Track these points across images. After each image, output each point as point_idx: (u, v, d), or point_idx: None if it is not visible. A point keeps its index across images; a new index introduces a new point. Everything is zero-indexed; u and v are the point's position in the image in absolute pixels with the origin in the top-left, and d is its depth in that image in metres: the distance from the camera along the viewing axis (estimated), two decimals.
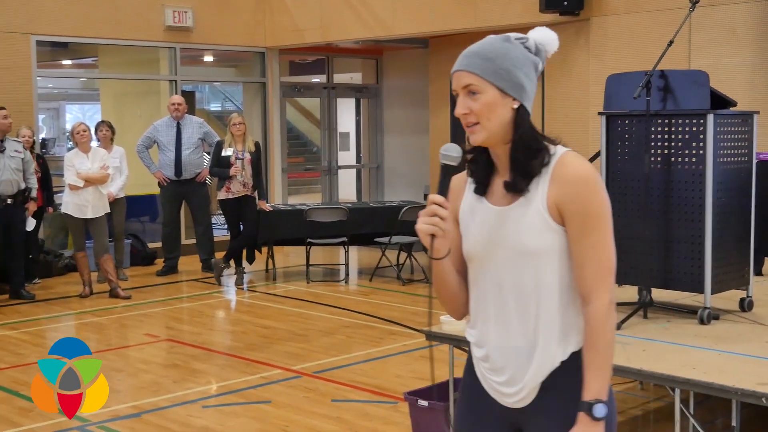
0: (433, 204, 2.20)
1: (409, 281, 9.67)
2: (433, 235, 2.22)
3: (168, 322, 8.35)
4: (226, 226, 10.26)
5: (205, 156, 10.77)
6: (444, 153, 2.24)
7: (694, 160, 4.73)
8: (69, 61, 15.15)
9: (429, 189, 11.96)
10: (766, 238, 5.68)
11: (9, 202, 8.74)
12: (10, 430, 5.24)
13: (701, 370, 3.89)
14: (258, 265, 10.42)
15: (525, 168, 2.23)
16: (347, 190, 14.95)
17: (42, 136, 18.26)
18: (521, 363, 2.27)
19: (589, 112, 9.41)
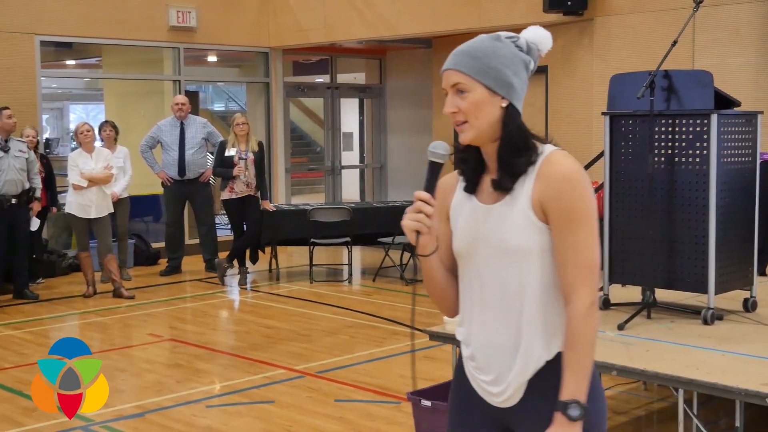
0: (419, 201, 2.21)
1: (413, 281, 9.66)
2: (418, 232, 2.23)
3: (171, 322, 8.36)
4: (229, 226, 10.28)
5: (209, 156, 10.77)
6: (431, 150, 2.25)
7: (697, 160, 4.73)
8: (73, 61, 15.16)
9: None
10: None
11: (13, 202, 8.74)
12: (14, 430, 5.24)
13: (705, 371, 3.89)
14: (261, 265, 10.42)
15: (511, 166, 2.22)
16: (350, 190, 14.93)
17: (46, 136, 18.29)
18: (506, 362, 2.26)
19: (592, 112, 9.39)
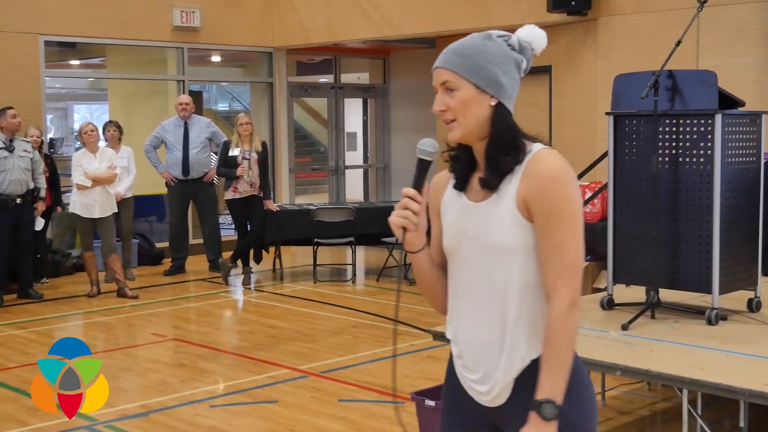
0: (406, 197, 2.22)
1: (416, 281, 9.65)
2: (405, 229, 2.23)
3: (175, 321, 8.36)
4: (233, 226, 10.28)
5: (213, 156, 10.78)
6: (420, 148, 2.26)
7: (702, 160, 4.72)
8: (77, 61, 15.18)
9: None
10: None
11: (18, 201, 8.75)
12: (18, 429, 5.25)
13: (709, 371, 3.88)
14: (265, 264, 10.42)
15: (498, 164, 2.22)
16: (354, 190, 14.94)
17: (50, 136, 18.32)
18: (491, 360, 2.26)
19: (596, 112, 9.39)
